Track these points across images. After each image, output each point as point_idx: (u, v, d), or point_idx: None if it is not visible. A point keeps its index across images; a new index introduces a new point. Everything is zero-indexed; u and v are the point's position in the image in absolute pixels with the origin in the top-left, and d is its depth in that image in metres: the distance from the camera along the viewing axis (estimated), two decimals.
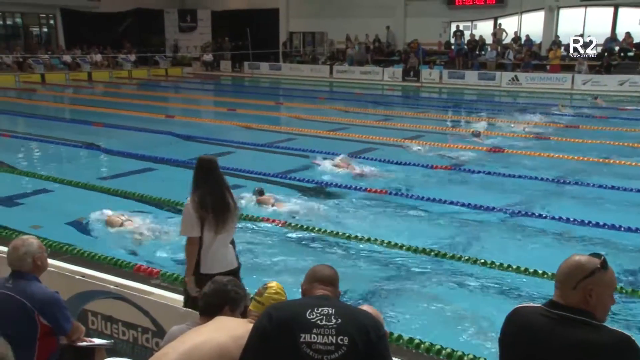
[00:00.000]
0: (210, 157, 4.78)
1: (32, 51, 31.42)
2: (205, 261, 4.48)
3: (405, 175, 10.75)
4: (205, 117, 17.87)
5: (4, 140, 13.97)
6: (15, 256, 3.62)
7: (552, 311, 2.36)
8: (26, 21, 33.83)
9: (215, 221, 4.46)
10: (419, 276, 6.48)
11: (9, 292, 3.55)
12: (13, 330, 3.51)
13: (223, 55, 34.66)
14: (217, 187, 4.57)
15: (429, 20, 29.54)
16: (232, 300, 3.08)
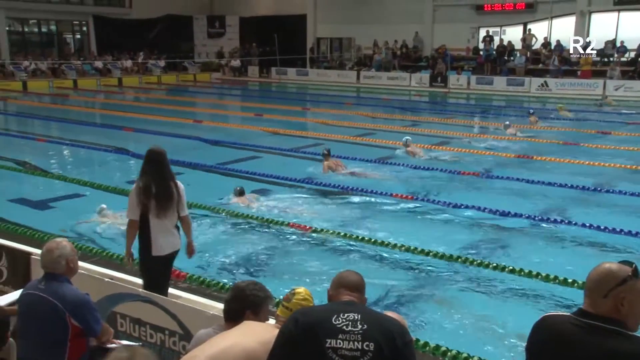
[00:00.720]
0: (159, 149, 5.18)
1: (66, 58, 32.09)
2: (155, 245, 4.93)
3: (431, 180, 10.69)
4: (233, 122, 18.03)
5: (38, 144, 14.26)
6: (49, 259, 3.67)
7: (582, 320, 2.31)
8: (60, 28, 34.57)
9: (158, 207, 4.88)
10: (445, 283, 6.44)
11: (42, 293, 3.61)
12: (45, 330, 3.58)
13: (251, 61, 34.93)
14: (162, 176, 4.99)
15: (457, 25, 29.36)
16: (251, 304, 3.08)
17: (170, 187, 4.99)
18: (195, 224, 8.27)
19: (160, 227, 4.92)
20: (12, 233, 7.21)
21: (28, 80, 28.18)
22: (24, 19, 32.74)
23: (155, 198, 4.89)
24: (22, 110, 21.89)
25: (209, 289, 5.77)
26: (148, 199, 4.87)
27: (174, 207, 4.99)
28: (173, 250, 5.08)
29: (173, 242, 5.06)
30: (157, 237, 4.94)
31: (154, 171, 5.00)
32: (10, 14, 31.26)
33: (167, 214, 4.94)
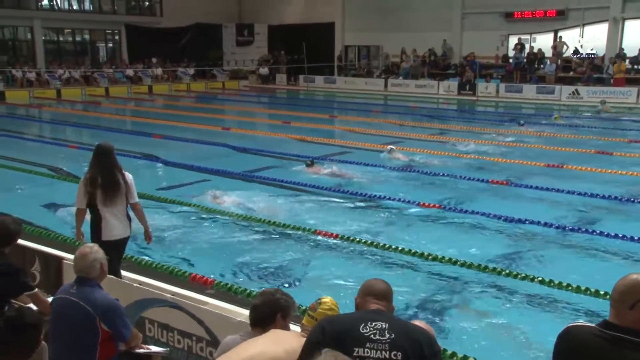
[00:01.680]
0: (106, 145, 5.68)
1: (98, 66, 32.71)
2: (104, 231, 5.41)
3: (459, 189, 10.62)
4: (261, 130, 18.14)
5: (71, 151, 14.52)
6: (85, 263, 3.74)
7: (607, 332, 2.28)
8: (94, 37, 35.26)
9: (105, 196, 5.36)
10: (473, 292, 6.38)
11: (74, 298, 3.68)
12: (76, 334, 3.64)
13: (279, 69, 35.13)
14: (108, 168, 5.45)
15: (486, 33, 29.11)
16: (282, 307, 3.12)
17: (117, 177, 5.44)
18: (222, 231, 8.38)
19: (108, 214, 5.39)
20: (44, 238, 7.35)
21: (62, 88, 28.76)
22: (59, 28, 33.47)
23: (101, 188, 5.36)
24: (56, 117, 22.35)
25: (236, 295, 5.80)
26: (95, 189, 5.35)
27: (122, 196, 5.46)
28: (122, 236, 5.53)
29: (122, 228, 5.50)
30: (106, 224, 5.40)
31: (101, 164, 5.47)
32: (46, 24, 32.00)
33: (115, 202, 5.41)
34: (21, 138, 16.54)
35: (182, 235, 8.23)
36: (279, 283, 6.50)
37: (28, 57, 31.44)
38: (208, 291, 5.88)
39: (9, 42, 32.57)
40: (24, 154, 13.34)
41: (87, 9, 33.97)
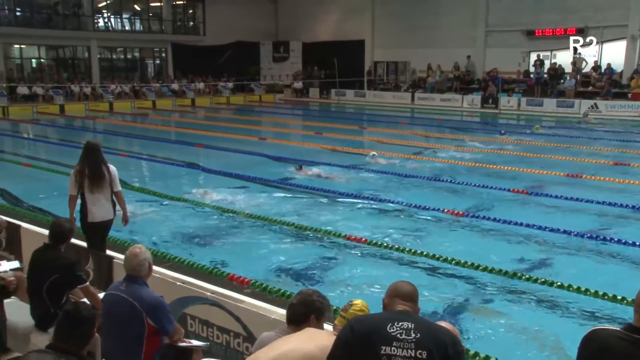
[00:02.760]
0: (94, 142, 6.31)
1: (146, 81, 33.32)
2: (91, 213, 5.99)
3: (481, 197, 10.51)
4: (294, 140, 18.20)
5: (121, 159, 14.77)
6: (135, 262, 3.80)
7: (632, 335, 2.22)
8: (143, 55, 35.97)
9: (91, 185, 5.96)
10: (495, 295, 6.30)
11: (123, 294, 3.75)
12: (125, 328, 3.71)
13: (312, 83, 35.29)
14: (95, 162, 6.04)
15: (508, 50, 28.81)
16: (317, 309, 3.10)
17: (102, 170, 6.05)
18: (257, 234, 8.44)
19: (93, 200, 5.99)
20: None
21: (114, 101, 29.33)
22: (113, 47, 34.25)
23: (88, 178, 5.97)
24: (108, 128, 22.80)
25: (271, 295, 5.83)
26: (82, 179, 5.97)
27: (106, 185, 6.06)
28: (105, 219, 6.09)
29: (105, 212, 6.07)
30: (91, 208, 6.00)
31: (88, 158, 6.07)
32: (102, 43, 32.81)
33: (101, 190, 6.00)
34: (78, 147, 16.89)
35: (220, 238, 8.32)
36: (310, 284, 6.51)
37: (85, 74, 32.20)
38: (245, 290, 5.91)
39: (69, 60, 33.44)
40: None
41: (137, 29, 34.68)
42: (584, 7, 26.58)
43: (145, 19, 34.98)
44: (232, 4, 35.83)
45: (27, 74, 30.85)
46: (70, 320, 3.13)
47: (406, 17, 31.86)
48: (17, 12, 30.31)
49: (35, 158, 14.77)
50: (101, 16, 33.45)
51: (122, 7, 34.01)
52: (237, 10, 35.64)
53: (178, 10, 36.48)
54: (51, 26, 30.54)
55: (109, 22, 33.92)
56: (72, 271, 4.37)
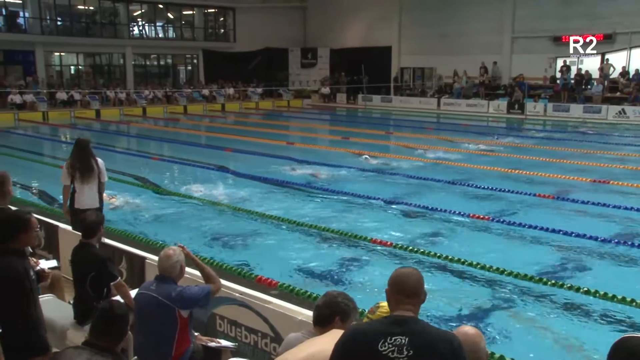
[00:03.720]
0: (84, 139, 7.04)
1: (178, 86, 33.77)
2: (77, 201, 6.66)
3: (507, 202, 10.37)
4: (321, 144, 18.22)
5: (153, 162, 15.01)
6: (168, 264, 3.85)
7: None
8: (175, 61, 36.49)
9: (82, 177, 6.63)
10: (521, 300, 6.21)
11: (154, 293, 3.79)
12: (156, 326, 3.75)
13: (339, 89, 35.32)
14: (85, 156, 6.71)
15: (534, 56, 28.38)
16: (342, 311, 3.06)
17: (91, 163, 6.72)
18: (284, 236, 8.46)
19: (82, 190, 6.66)
20: (130, 239, 7.60)
21: (147, 106, 29.80)
22: (146, 54, 34.87)
23: (79, 171, 6.63)
24: (141, 132, 23.17)
25: (298, 297, 5.84)
26: (74, 171, 6.63)
27: (95, 176, 6.72)
28: (90, 206, 6.54)
29: (91, 201, 6.70)
30: (79, 196, 6.66)
31: (79, 153, 6.74)
32: (136, 50, 33.43)
33: (89, 181, 6.68)
34: (112, 150, 17.19)
35: (247, 240, 8.38)
36: (336, 286, 6.51)
37: (120, 80, 32.79)
38: (272, 292, 5.93)
39: (105, 67, 34.16)
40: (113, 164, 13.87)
41: (170, 36, 35.22)
42: (611, 13, 26.05)
43: (177, 26, 35.48)
44: (261, 12, 36.14)
45: (65, 80, 31.57)
46: (104, 317, 3.19)
47: (433, 24, 31.67)
48: (58, 21, 31.06)
49: None
50: (136, 24, 34.08)
51: (156, 16, 34.57)
52: (266, 17, 35.92)
53: (209, 18, 36.90)
54: (89, 34, 31.26)
55: (143, 30, 34.54)
56: (105, 268, 4.47)
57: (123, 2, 32.16)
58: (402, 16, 33.77)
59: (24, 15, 29.90)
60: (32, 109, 26.53)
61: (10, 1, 29.02)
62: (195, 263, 4.22)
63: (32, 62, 29.89)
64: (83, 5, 31.64)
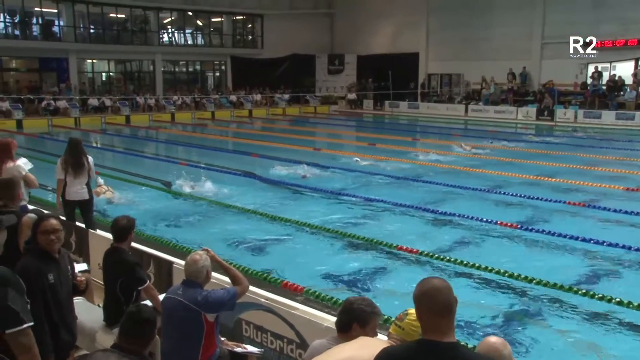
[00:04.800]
0: (76, 139, 7.90)
1: (206, 92, 34.17)
2: (68, 193, 7.32)
3: (537, 210, 10.21)
4: (348, 151, 18.14)
5: (181, 167, 15.17)
6: (195, 269, 3.88)
7: None
8: (204, 68, 36.96)
9: (73, 172, 7.28)
10: (550, 310, 6.11)
11: (180, 298, 3.83)
12: (183, 330, 3.79)
13: (366, 95, 35.29)
14: (76, 154, 7.39)
15: (565, 61, 27.86)
16: (358, 317, 3.04)
17: (82, 160, 7.37)
18: (308, 241, 8.46)
19: (74, 183, 7.29)
20: (158, 244, 7.70)
21: (175, 112, 30.20)
22: (175, 60, 35.40)
23: (71, 166, 7.27)
24: (170, 138, 23.48)
25: (324, 302, 5.83)
26: (67, 166, 7.28)
27: (85, 172, 7.36)
28: (81, 198, 7.36)
29: (81, 193, 7.36)
30: (70, 189, 7.30)
31: (72, 151, 7.40)
32: (165, 57, 33.99)
33: (79, 175, 7.31)
34: (141, 156, 17.49)
35: (273, 245, 8.40)
36: (361, 292, 6.48)
37: (150, 86, 33.35)
38: (298, 297, 5.94)
39: (135, 74, 34.80)
40: (142, 169, 14.09)
41: (199, 43, 35.69)
42: None
43: (206, 33, 35.92)
44: (289, 19, 36.38)
45: (97, 87, 32.22)
46: (132, 321, 3.23)
47: (461, 30, 31.44)
48: (91, 29, 31.76)
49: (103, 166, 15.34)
50: (166, 32, 34.62)
51: (186, 23, 35.07)
52: (294, 24, 36.14)
53: (238, 24, 37.28)
54: (120, 42, 31.87)
55: (172, 37, 35.07)
56: (134, 273, 4.53)
57: (153, 9, 32.70)
58: (430, 22, 33.63)
59: (58, 24, 30.67)
60: (65, 115, 27.12)
61: (47, 10, 29.78)
62: (221, 265, 4.24)
63: (66, 69, 30.64)
64: (115, 14, 32.29)
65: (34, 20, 30.15)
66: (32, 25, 30.16)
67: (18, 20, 29.18)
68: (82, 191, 7.38)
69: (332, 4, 38.94)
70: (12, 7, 28.50)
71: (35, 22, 30.23)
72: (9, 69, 31.15)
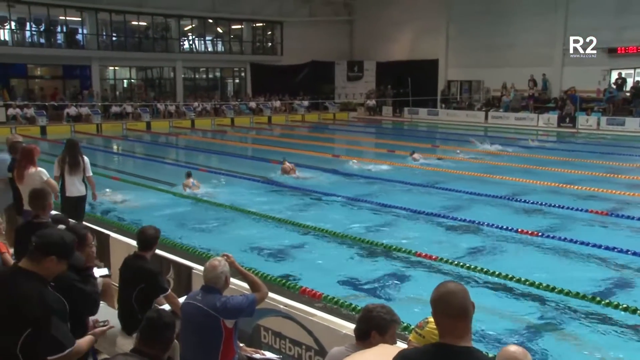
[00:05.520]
0: (74, 139, 8.56)
1: (226, 99, 34.44)
2: (66, 190, 7.82)
3: (557, 218, 10.08)
4: (367, 157, 18.14)
5: (201, 174, 15.25)
6: (213, 274, 3.89)
7: None
8: (223, 74, 37.28)
9: (70, 170, 7.81)
10: (572, 319, 6.02)
11: (199, 303, 3.84)
12: (202, 335, 3.80)
13: (385, 102, 35.25)
14: (73, 153, 7.90)
15: (587, 68, 27.52)
16: (377, 325, 3.03)
17: (78, 159, 7.85)
18: (327, 248, 8.45)
19: (70, 181, 7.82)
20: (177, 249, 7.75)
21: (195, 118, 30.45)
22: (196, 67, 35.77)
23: (68, 164, 7.79)
24: (189, 144, 23.67)
25: (342, 309, 5.81)
26: (63, 164, 7.80)
27: (81, 170, 7.86)
28: (79, 194, 7.89)
29: (79, 190, 7.89)
30: (69, 185, 7.82)
31: (69, 150, 7.91)
32: (186, 64, 34.34)
33: (76, 174, 7.83)
34: (161, 162, 17.65)
35: (292, 251, 8.41)
36: (380, 300, 6.45)
37: (170, 93, 33.71)
38: (316, 304, 5.93)
39: (156, 81, 35.25)
40: (162, 175, 14.21)
41: (219, 50, 36.00)
42: None
43: (226, 40, 36.22)
44: (309, 26, 36.55)
45: (118, 94, 32.66)
46: (152, 325, 3.25)
47: (481, 36, 31.25)
48: (113, 37, 32.26)
49: (123, 172, 15.53)
50: (186, 39, 35.00)
51: (206, 30, 35.42)
52: (313, 31, 36.29)
53: (257, 32, 37.55)
54: (141, 49, 32.30)
55: (193, 44, 35.43)
56: (156, 281, 4.54)
57: (175, 17, 33.09)
58: (450, 29, 33.51)
59: (82, 31, 31.19)
60: (87, 122, 27.52)
61: (71, 19, 30.33)
62: (240, 271, 4.25)
63: (88, 77, 31.15)
64: (137, 21, 32.75)
65: (59, 29, 30.70)
66: (56, 34, 30.72)
67: (43, 29, 29.74)
68: (81, 187, 7.97)
69: (351, 11, 39.03)
70: (38, 16, 29.06)
71: (60, 31, 30.78)
72: (34, 76, 31.74)
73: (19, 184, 6.74)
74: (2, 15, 28.32)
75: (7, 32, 28.92)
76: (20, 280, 3.07)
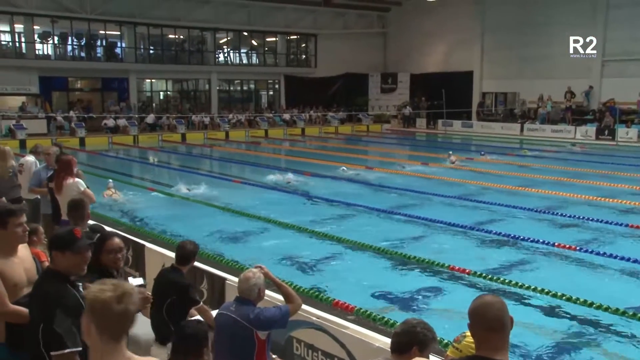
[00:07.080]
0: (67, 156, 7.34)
1: (260, 111, 34.80)
2: None
3: (594, 232, 9.85)
4: (399, 169, 18.04)
5: (234, 185, 15.45)
6: (246, 286, 3.93)
7: None
8: (258, 86, 37.74)
9: None
10: (612, 337, 5.87)
11: (233, 314, 3.89)
12: (235, 346, 3.84)
13: (419, 113, 35.08)
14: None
15: (627, 80, 26.89)
16: (420, 341, 3.01)
17: None
18: (359, 260, 8.43)
19: None
20: (211, 260, 7.83)
21: (230, 130, 30.83)
22: (231, 80, 36.33)
23: None
24: (224, 155, 23.94)
25: (375, 322, 5.79)
26: None
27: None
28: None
29: None
30: None
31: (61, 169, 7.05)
32: (221, 76, 34.95)
33: None
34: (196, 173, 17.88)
35: (325, 263, 8.42)
36: (412, 313, 6.40)
37: (205, 104, 34.26)
38: (349, 317, 5.91)
39: (192, 93, 35.90)
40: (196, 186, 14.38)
41: (254, 62, 36.49)
42: None
43: (261, 53, 36.68)
44: (342, 38, 36.76)
45: (155, 106, 33.37)
46: (185, 336, 3.30)
47: (516, 47, 30.89)
48: (151, 50, 33.04)
49: (159, 182, 15.81)
50: (221, 51, 35.58)
51: (241, 43, 35.96)
52: (347, 43, 36.46)
53: (292, 44, 37.92)
54: (178, 61, 32.98)
55: (228, 57, 36.00)
56: (187, 293, 4.59)
57: (210, 30, 33.70)
58: (484, 40, 33.22)
59: (120, 45, 32.05)
60: (124, 133, 28.17)
61: (110, 33, 31.22)
62: (274, 282, 4.28)
63: (126, 89, 31.93)
64: (174, 34, 33.48)
65: (98, 43, 31.62)
66: (96, 47, 31.64)
67: (84, 43, 30.68)
68: None
69: (385, 24, 39.10)
70: (79, 30, 30.04)
71: (99, 44, 31.69)
72: (74, 89, 32.73)
73: (57, 194, 6.89)
74: (46, 31, 29.35)
75: (50, 46, 29.95)
76: (43, 278, 3.29)
